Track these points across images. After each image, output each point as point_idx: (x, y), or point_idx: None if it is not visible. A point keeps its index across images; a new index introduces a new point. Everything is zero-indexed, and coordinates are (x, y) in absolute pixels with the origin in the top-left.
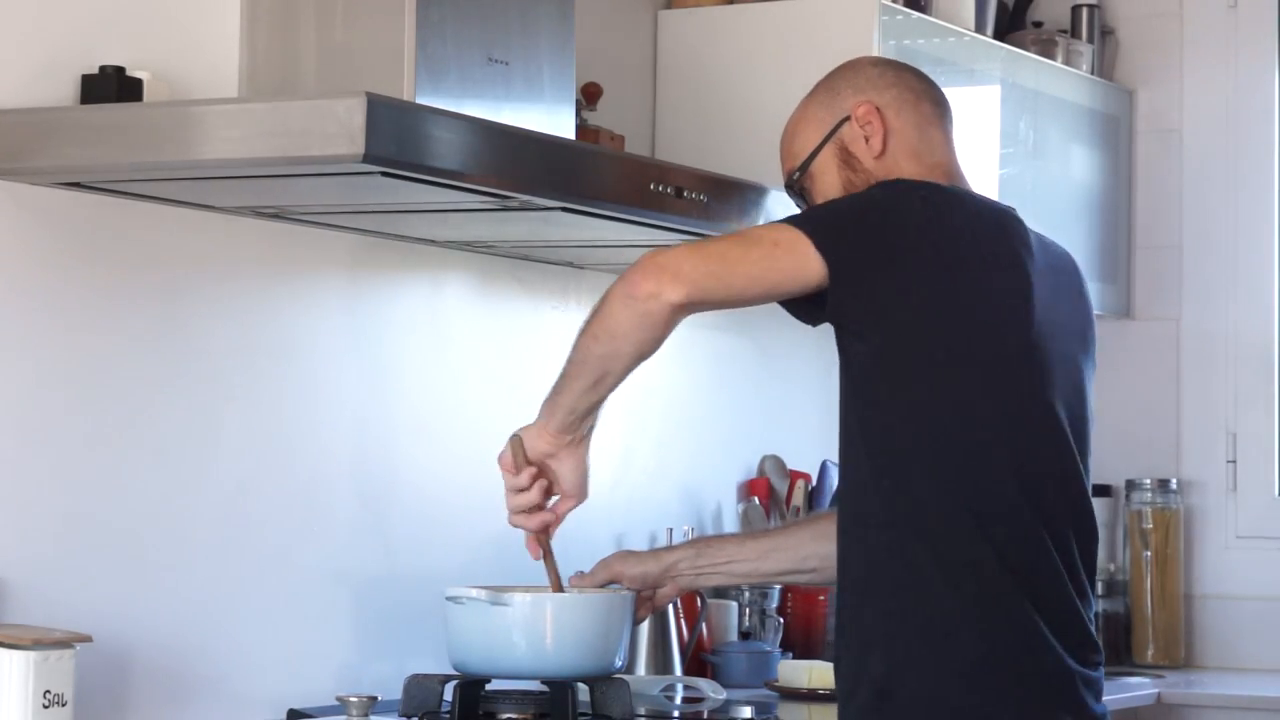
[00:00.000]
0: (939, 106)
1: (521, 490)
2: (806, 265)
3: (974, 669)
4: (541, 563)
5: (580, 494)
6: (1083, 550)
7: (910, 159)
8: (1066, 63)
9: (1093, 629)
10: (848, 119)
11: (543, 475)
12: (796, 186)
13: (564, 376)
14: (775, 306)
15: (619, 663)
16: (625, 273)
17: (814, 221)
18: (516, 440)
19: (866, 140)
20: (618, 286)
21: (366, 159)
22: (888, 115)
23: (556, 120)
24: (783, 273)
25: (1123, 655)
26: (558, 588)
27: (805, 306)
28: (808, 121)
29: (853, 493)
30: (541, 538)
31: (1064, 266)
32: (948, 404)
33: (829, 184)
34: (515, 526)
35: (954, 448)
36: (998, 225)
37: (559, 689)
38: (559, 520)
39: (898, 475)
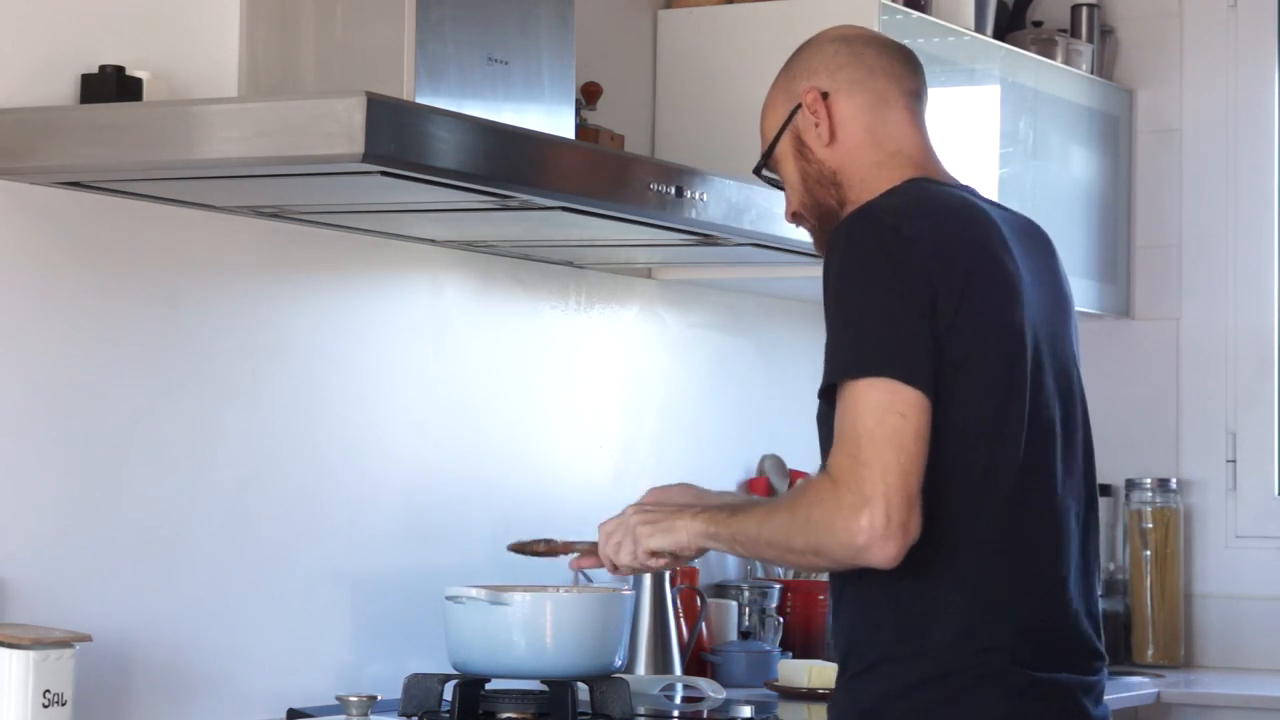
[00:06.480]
0: (899, 82)
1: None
2: (929, 401)
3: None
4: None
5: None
6: (1091, 549)
7: (868, 147)
8: (1066, 62)
9: (1093, 633)
10: (800, 106)
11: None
12: (765, 171)
13: (738, 521)
14: (772, 305)
15: (619, 662)
16: (839, 524)
17: (878, 361)
18: (672, 559)
19: (816, 128)
20: (834, 548)
21: (366, 158)
22: (837, 101)
23: (556, 120)
24: (927, 422)
25: (1122, 655)
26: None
27: None
28: (770, 106)
29: None
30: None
31: (1036, 244)
32: (960, 423)
33: (789, 172)
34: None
35: (966, 464)
36: (974, 241)
37: (559, 688)
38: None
39: None
